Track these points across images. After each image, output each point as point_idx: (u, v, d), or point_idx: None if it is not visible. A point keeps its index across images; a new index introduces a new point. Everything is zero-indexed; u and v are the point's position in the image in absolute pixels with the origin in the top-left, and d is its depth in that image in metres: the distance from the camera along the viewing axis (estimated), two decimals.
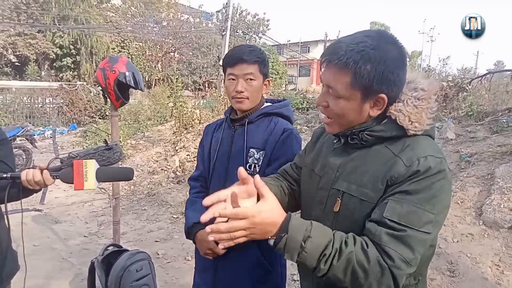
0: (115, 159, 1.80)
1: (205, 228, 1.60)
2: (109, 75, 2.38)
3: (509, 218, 3.78)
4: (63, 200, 5.92)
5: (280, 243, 0.93)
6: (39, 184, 1.44)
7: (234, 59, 1.63)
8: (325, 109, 1.09)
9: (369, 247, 0.92)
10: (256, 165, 1.63)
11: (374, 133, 1.05)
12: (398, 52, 1.01)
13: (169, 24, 27.02)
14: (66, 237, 4.44)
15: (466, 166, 4.96)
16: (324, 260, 0.92)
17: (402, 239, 0.92)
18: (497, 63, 41.45)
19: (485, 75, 8.98)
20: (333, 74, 1.02)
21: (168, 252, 4.08)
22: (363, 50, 0.98)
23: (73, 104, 14.91)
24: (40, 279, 3.38)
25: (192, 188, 1.87)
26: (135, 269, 2.20)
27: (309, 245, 0.92)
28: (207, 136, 1.85)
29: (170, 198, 5.85)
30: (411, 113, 1.02)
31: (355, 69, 0.97)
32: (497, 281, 3.26)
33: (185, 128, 8.15)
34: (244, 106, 1.65)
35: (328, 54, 1.03)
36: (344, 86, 1.00)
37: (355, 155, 1.09)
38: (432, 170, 0.95)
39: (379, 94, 1.01)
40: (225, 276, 1.68)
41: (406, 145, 1.02)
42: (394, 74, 0.99)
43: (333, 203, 1.08)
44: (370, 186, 1.02)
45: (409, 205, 0.94)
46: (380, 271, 0.91)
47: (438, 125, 6.71)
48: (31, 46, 21.41)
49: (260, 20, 32.76)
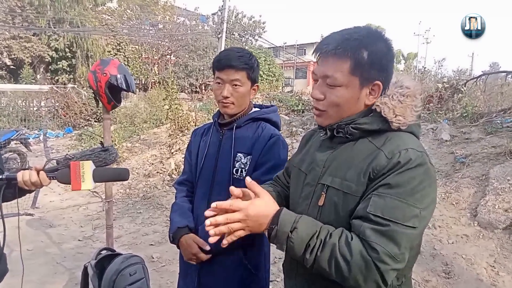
0: (111, 160, 1.82)
1: (189, 234, 1.62)
2: (100, 77, 2.36)
3: (504, 219, 3.79)
4: (58, 204, 5.89)
5: (272, 234, 0.99)
6: (35, 185, 1.45)
7: (222, 64, 1.63)
8: (319, 102, 1.11)
9: (353, 240, 0.94)
10: (243, 169, 1.63)
11: (359, 126, 1.07)
12: (386, 45, 1.07)
13: (165, 27, 26.99)
14: (60, 241, 4.41)
15: (460, 167, 4.97)
16: (309, 251, 0.96)
17: (386, 233, 0.92)
18: (493, 64, 41.60)
19: (480, 77, 9.03)
20: (331, 63, 1.06)
21: (163, 255, 4.05)
22: (357, 39, 1.04)
23: (68, 107, 14.85)
24: (34, 283, 3.35)
25: (178, 192, 1.86)
26: (128, 273, 2.17)
27: (295, 235, 0.97)
28: (195, 140, 1.85)
29: (166, 201, 5.83)
30: (396, 107, 1.06)
31: (353, 55, 1.03)
32: (492, 282, 3.26)
33: (180, 130, 8.14)
34: (230, 110, 1.66)
35: (323, 46, 1.07)
36: (344, 73, 1.04)
37: (340, 149, 1.12)
38: (413, 162, 0.97)
39: (375, 81, 1.06)
40: (209, 281, 1.68)
41: (389, 139, 1.05)
42: (386, 62, 1.06)
43: (319, 197, 1.11)
44: (353, 179, 1.04)
45: (392, 199, 0.95)
46: (363, 264, 0.91)
47: (433, 126, 6.73)
48: (26, 49, 21.33)
49: (256, 22, 32.78)
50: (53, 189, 6.26)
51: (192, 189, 1.81)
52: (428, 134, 6.45)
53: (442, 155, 5.54)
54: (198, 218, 1.70)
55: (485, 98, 7.98)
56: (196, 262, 1.62)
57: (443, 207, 4.26)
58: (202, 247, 1.58)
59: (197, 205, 1.73)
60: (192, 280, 1.71)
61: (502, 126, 5.98)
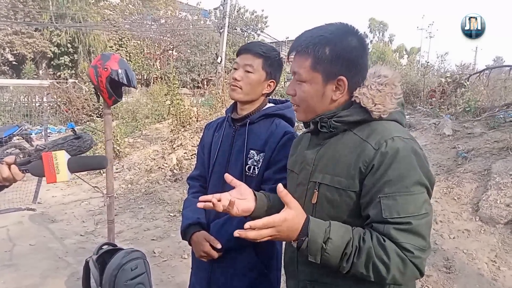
0: (86, 148, 1.76)
1: (201, 231, 1.60)
2: (101, 72, 2.36)
3: (506, 214, 3.78)
4: (60, 199, 5.91)
5: (303, 246, 0.98)
6: (7, 180, 1.32)
7: (241, 49, 1.65)
8: (293, 98, 1.16)
9: (386, 241, 0.95)
10: (255, 167, 1.60)
11: (340, 119, 1.09)
12: (357, 39, 1.09)
13: (167, 22, 26.89)
14: (62, 236, 4.43)
15: (462, 162, 4.96)
16: (346, 258, 0.96)
17: (410, 231, 0.96)
18: (496, 59, 41.44)
19: (484, 71, 8.98)
20: (296, 61, 1.11)
21: (164, 250, 4.07)
22: (321, 35, 1.07)
23: (70, 103, 14.86)
24: (36, 278, 3.37)
25: (190, 188, 1.84)
26: (129, 267, 2.19)
27: (330, 246, 0.96)
28: (208, 135, 1.82)
29: (167, 196, 5.84)
30: (375, 96, 1.07)
31: (313, 52, 1.07)
32: (493, 277, 3.26)
33: (182, 126, 8.13)
34: (236, 95, 1.63)
35: (293, 45, 1.13)
36: (306, 70, 1.09)
37: (327, 145, 1.13)
38: (402, 151, 0.99)
39: (338, 76, 1.07)
40: (220, 277, 1.67)
41: (373, 129, 1.06)
42: (353, 58, 1.07)
43: (312, 195, 1.12)
44: (343, 174, 1.05)
45: (401, 196, 0.97)
46: (401, 262, 0.94)
47: (435, 121, 6.71)
48: (29, 45, 21.33)
49: (258, 17, 32.63)
50: (55, 185, 6.28)
51: (205, 184, 1.79)
52: (430, 129, 6.42)
53: (444, 150, 5.53)
54: (210, 215, 1.68)
55: (488, 92, 7.95)
56: (207, 259, 1.61)
57: (444, 202, 4.25)
58: (214, 245, 1.56)
59: None
60: (204, 277, 1.70)
61: (505, 121, 5.96)
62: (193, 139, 7.51)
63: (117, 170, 7.14)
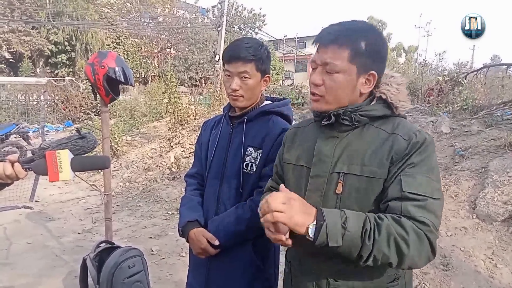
0: (89, 148, 1.76)
1: (199, 228, 1.60)
2: (98, 70, 2.34)
3: (503, 212, 3.79)
4: (57, 197, 5.90)
5: (322, 231, 0.96)
6: (10, 177, 1.33)
7: (229, 56, 1.59)
8: (318, 87, 1.16)
9: (401, 218, 0.99)
10: (253, 164, 1.60)
11: (366, 112, 1.15)
12: (380, 38, 1.16)
13: (165, 20, 26.87)
14: (59, 234, 4.42)
15: (460, 160, 4.96)
16: (367, 235, 0.96)
17: (427, 207, 1.00)
18: (494, 57, 41.50)
19: (481, 69, 9.01)
20: (331, 51, 1.12)
21: (162, 248, 4.07)
22: (357, 30, 1.13)
23: (68, 101, 14.82)
24: (33, 276, 3.36)
25: (188, 185, 1.84)
26: (127, 265, 2.18)
27: (350, 223, 0.97)
28: (206, 133, 1.82)
29: (165, 194, 5.84)
30: (399, 93, 1.17)
31: (352, 45, 1.10)
32: (490, 274, 3.27)
33: (180, 124, 8.12)
34: (240, 103, 1.62)
35: (324, 36, 1.14)
36: (344, 61, 1.11)
37: (349, 137, 1.17)
38: (428, 141, 1.09)
39: (370, 71, 1.13)
40: (218, 275, 1.66)
41: (397, 124, 1.14)
42: (382, 54, 1.15)
43: (334, 186, 1.14)
44: (375, 163, 1.10)
45: (420, 177, 1.04)
46: (417, 239, 0.97)
47: (433, 119, 6.72)
48: (26, 43, 21.25)
49: (256, 15, 32.65)
50: (53, 183, 6.26)
51: (202, 182, 1.79)
52: (427, 127, 6.43)
53: (441, 148, 5.53)
54: (208, 212, 1.68)
55: (486, 91, 7.97)
56: (204, 256, 1.61)
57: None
58: (211, 242, 1.56)
59: (207, 199, 1.71)
60: (202, 274, 1.70)
61: (502, 119, 5.97)
62: (191, 137, 7.51)
63: (115, 168, 7.13)
